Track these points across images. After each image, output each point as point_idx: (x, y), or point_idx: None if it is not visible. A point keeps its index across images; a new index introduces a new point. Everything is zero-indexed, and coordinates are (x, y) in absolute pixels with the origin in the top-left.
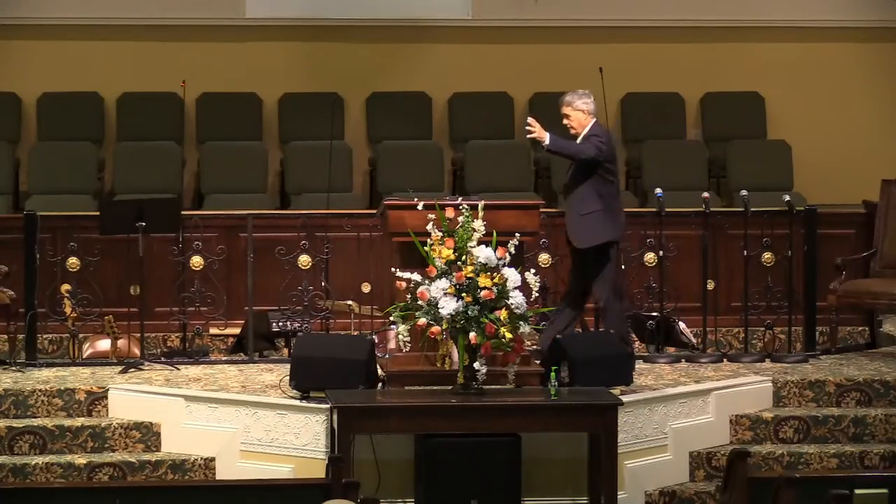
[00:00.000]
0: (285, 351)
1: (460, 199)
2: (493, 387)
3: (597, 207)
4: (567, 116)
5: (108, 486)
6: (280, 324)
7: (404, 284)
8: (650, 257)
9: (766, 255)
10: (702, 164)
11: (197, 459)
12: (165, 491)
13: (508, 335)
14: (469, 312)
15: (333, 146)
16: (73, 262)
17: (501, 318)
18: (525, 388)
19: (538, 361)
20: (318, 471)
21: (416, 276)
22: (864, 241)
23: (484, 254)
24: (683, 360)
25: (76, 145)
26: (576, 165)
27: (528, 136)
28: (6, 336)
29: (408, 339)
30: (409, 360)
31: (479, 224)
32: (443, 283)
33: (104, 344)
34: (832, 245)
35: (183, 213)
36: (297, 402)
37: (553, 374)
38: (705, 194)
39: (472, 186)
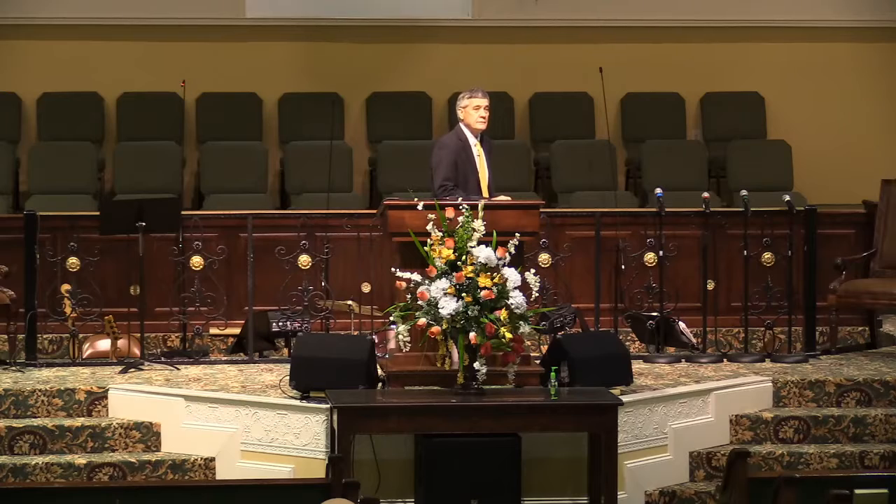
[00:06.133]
0: (285, 351)
1: (460, 198)
2: (493, 387)
3: None
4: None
5: (108, 486)
6: (280, 324)
7: (404, 284)
8: (650, 257)
9: (766, 255)
10: (702, 164)
11: (197, 459)
12: (165, 491)
13: (508, 335)
14: (469, 312)
15: (333, 146)
16: (73, 262)
17: (501, 318)
18: (525, 388)
19: (538, 361)
20: (318, 471)
21: (416, 276)
22: (864, 241)
23: (484, 254)
24: (683, 360)
25: (76, 145)
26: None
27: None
28: (6, 336)
29: (408, 339)
30: (409, 360)
31: (479, 224)
32: (443, 283)
33: (104, 344)
34: (832, 245)
35: (183, 213)
36: (297, 402)
37: (553, 374)
38: (705, 194)
39: None
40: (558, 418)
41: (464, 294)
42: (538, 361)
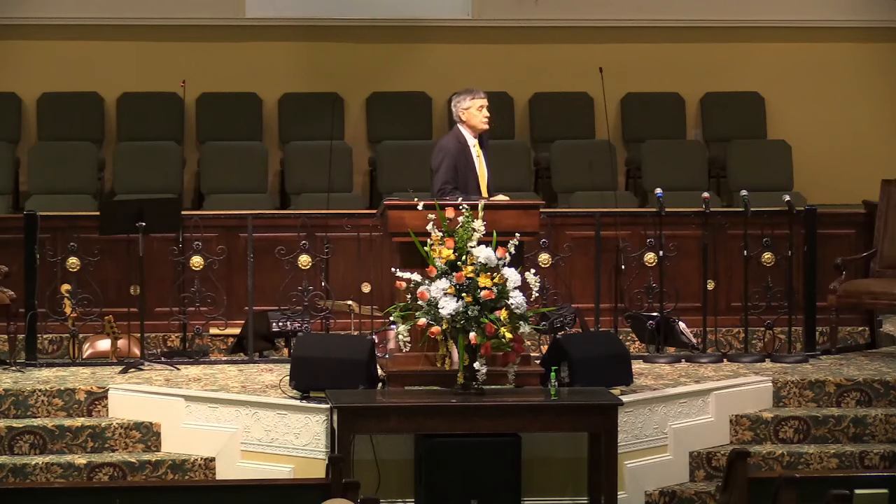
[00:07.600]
0: (285, 351)
1: (460, 198)
2: (493, 387)
3: None
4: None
5: (108, 486)
6: (280, 324)
7: (404, 284)
8: (650, 257)
9: (766, 255)
10: (702, 164)
11: (197, 459)
12: (165, 491)
13: (508, 335)
14: (469, 312)
15: (333, 146)
16: (73, 262)
17: (501, 318)
18: (525, 388)
19: (538, 361)
20: (318, 471)
21: (416, 276)
22: (864, 241)
23: (484, 254)
24: (683, 360)
25: (76, 145)
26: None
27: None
28: (6, 336)
29: (408, 339)
30: (409, 360)
31: (479, 224)
32: (443, 283)
33: (104, 344)
34: (832, 245)
35: (183, 213)
36: (297, 402)
37: (553, 374)
38: (705, 194)
39: None
40: (558, 418)
41: (464, 294)
42: (538, 361)
